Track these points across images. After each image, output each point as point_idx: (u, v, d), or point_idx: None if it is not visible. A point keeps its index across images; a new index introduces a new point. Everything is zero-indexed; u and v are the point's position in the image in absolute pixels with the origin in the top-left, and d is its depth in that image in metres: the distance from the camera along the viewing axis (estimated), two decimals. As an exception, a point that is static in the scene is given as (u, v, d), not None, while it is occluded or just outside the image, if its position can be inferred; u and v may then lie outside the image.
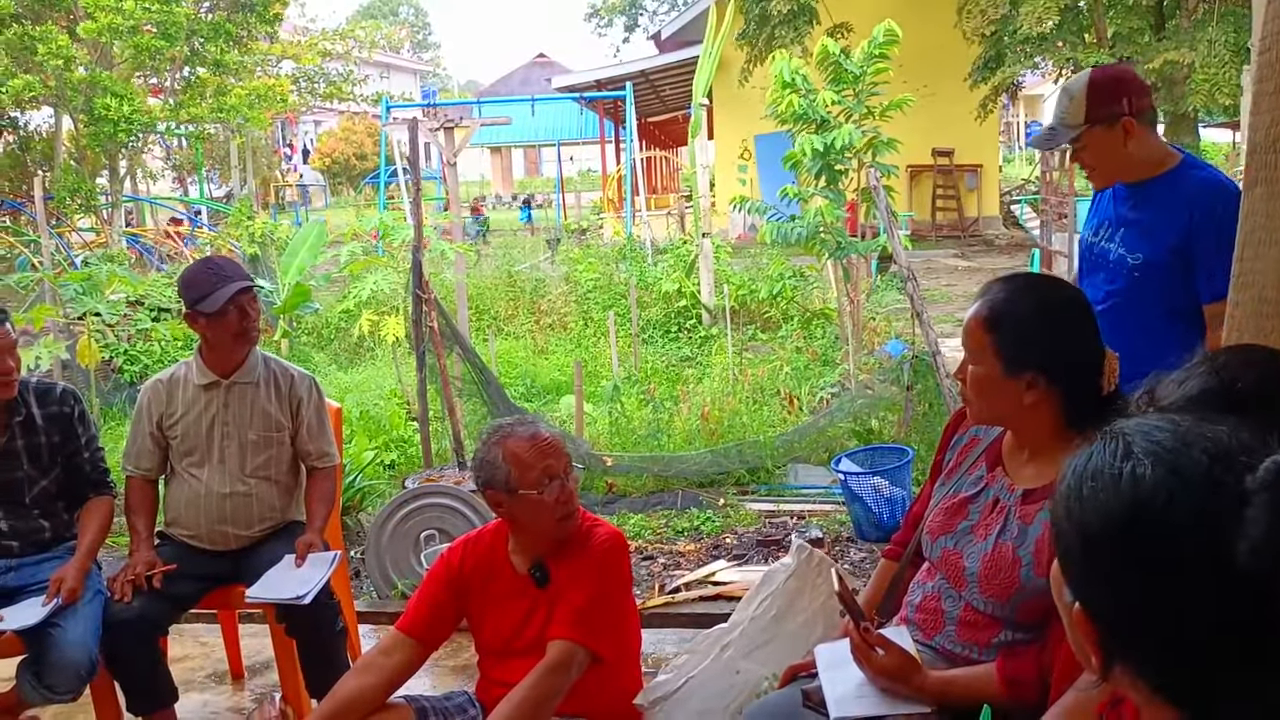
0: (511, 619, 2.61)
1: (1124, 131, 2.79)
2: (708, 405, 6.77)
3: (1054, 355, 1.99)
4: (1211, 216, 2.70)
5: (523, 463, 2.51)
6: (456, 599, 2.64)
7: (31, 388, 3.29)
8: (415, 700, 2.60)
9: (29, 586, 3.17)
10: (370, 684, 2.51)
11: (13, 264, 13.60)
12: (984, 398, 2.06)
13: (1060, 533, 1.03)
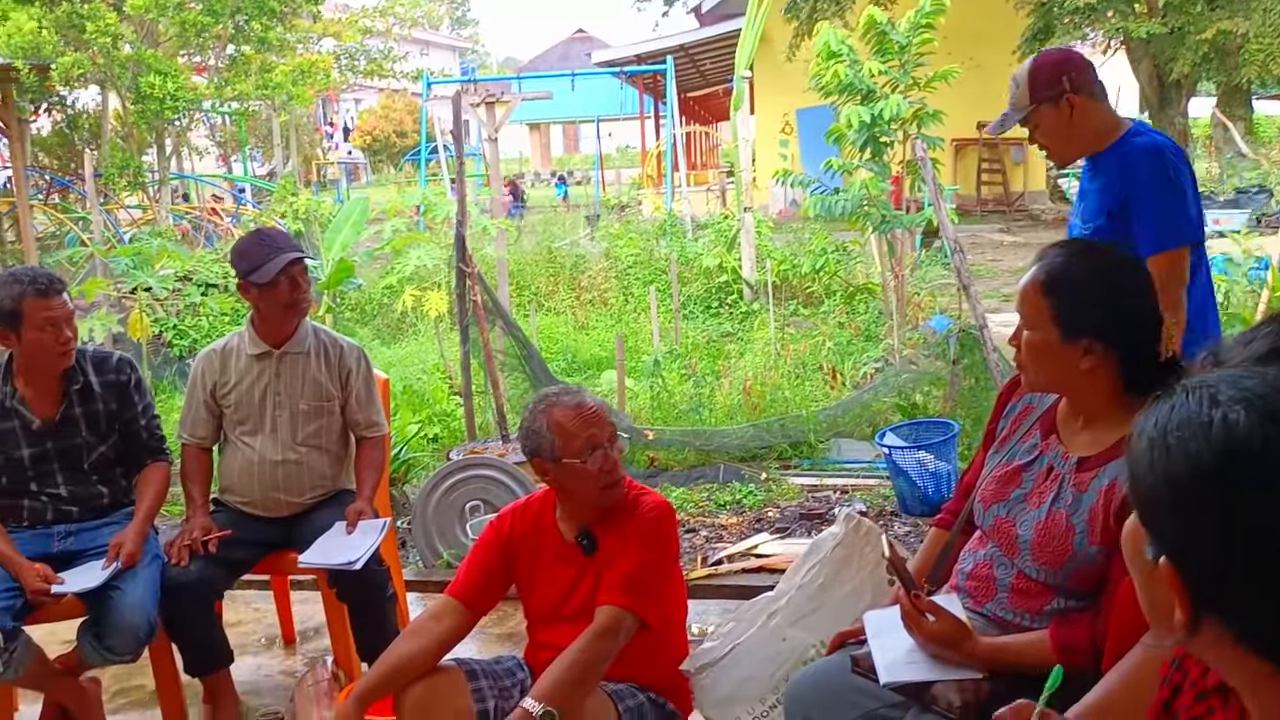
0: (559, 585, 2.64)
1: (1069, 107, 2.94)
2: (749, 380, 6.77)
3: (1112, 320, 1.97)
4: (1144, 176, 2.86)
5: (567, 432, 2.54)
6: (505, 565, 2.68)
7: (89, 356, 3.35)
8: (465, 663, 2.64)
9: (88, 550, 3.24)
10: (421, 647, 2.56)
11: (63, 240, 13.82)
12: (1040, 364, 2.04)
13: (1141, 489, 1.02)
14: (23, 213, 10.07)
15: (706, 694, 2.54)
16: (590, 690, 2.44)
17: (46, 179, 17.06)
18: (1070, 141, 3.02)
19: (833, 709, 2.17)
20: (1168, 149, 2.90)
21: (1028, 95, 2.99)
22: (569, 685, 2.39)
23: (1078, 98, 2.95)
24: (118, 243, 11.22)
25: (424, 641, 2.57)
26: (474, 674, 2.60)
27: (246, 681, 3.62)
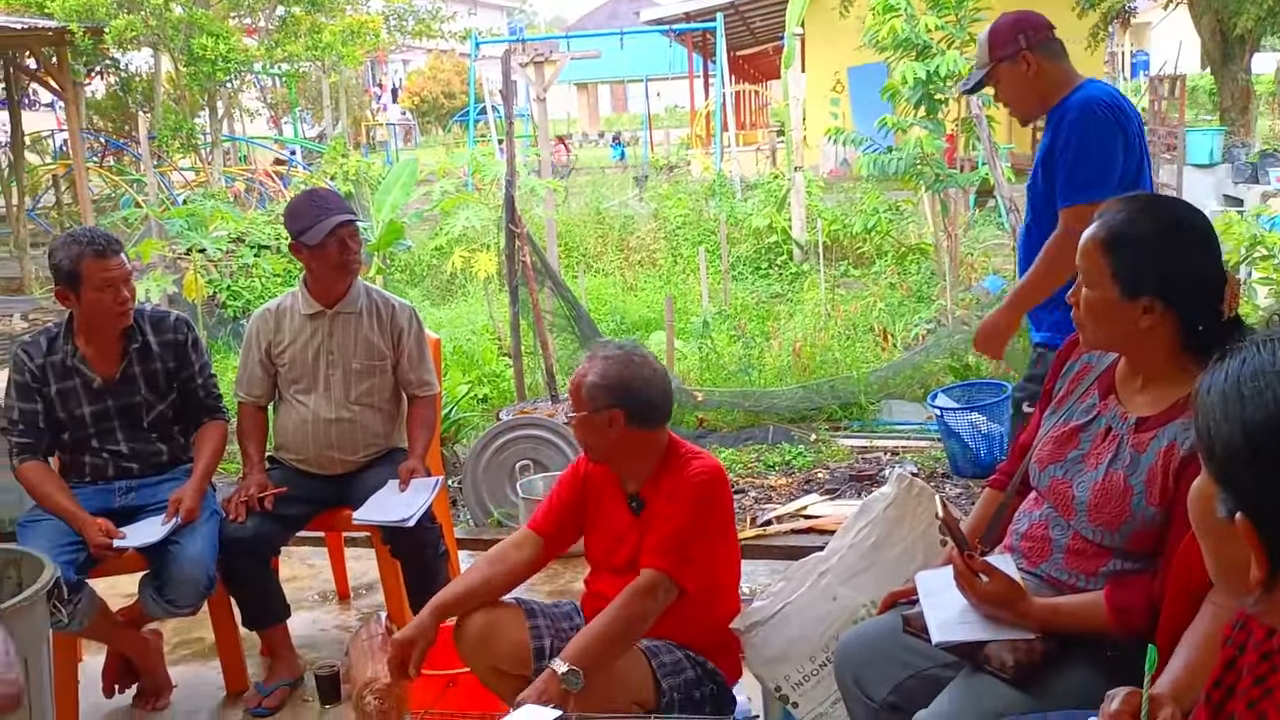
0: (611, 534, 2.68)
1: (1025, 64, 3.06)
2: (799, 341, 6.73)
3: (1172, 278, 1.92)
4: (1067, 130, 2.96)
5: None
6: (579, 502, 2.73)
7: (147, 316, 3.40)
8: (525, 602, 2.70)
9: (149, 506, 3.30)
10: (499, 573, 2.65)
11: (118, 202, 14.02)
12: (1099, 322, 2.00)
13: (1215, 443, 1.00)
14: (79, 175, 10.22)
15: (756, 652, 2.54)
16: (621, 652, 2.46)
17: (101, 142, 17.28)
18: (1029, 99, 3.13)
19: (883, 668, 2.17)
20: (1099, 105, 2.96)
21: (988, 54, 3.11)
22: (598, 646, 2.41)
23: (1034, 55, 3.05)
24: (171, 204, 11.36)
25: (502, 568, 2.66)
26: (532, 612, 2.66)
27: (302, 636, 3.69)
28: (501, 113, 14.32)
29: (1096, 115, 2.95)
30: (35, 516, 3.21)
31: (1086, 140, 2.93)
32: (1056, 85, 3.08)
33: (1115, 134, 2.94)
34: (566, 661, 2.36)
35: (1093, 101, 2.97)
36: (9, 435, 3.27)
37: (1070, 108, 3.00)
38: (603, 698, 2.36)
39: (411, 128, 33.14)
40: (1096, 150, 2.93)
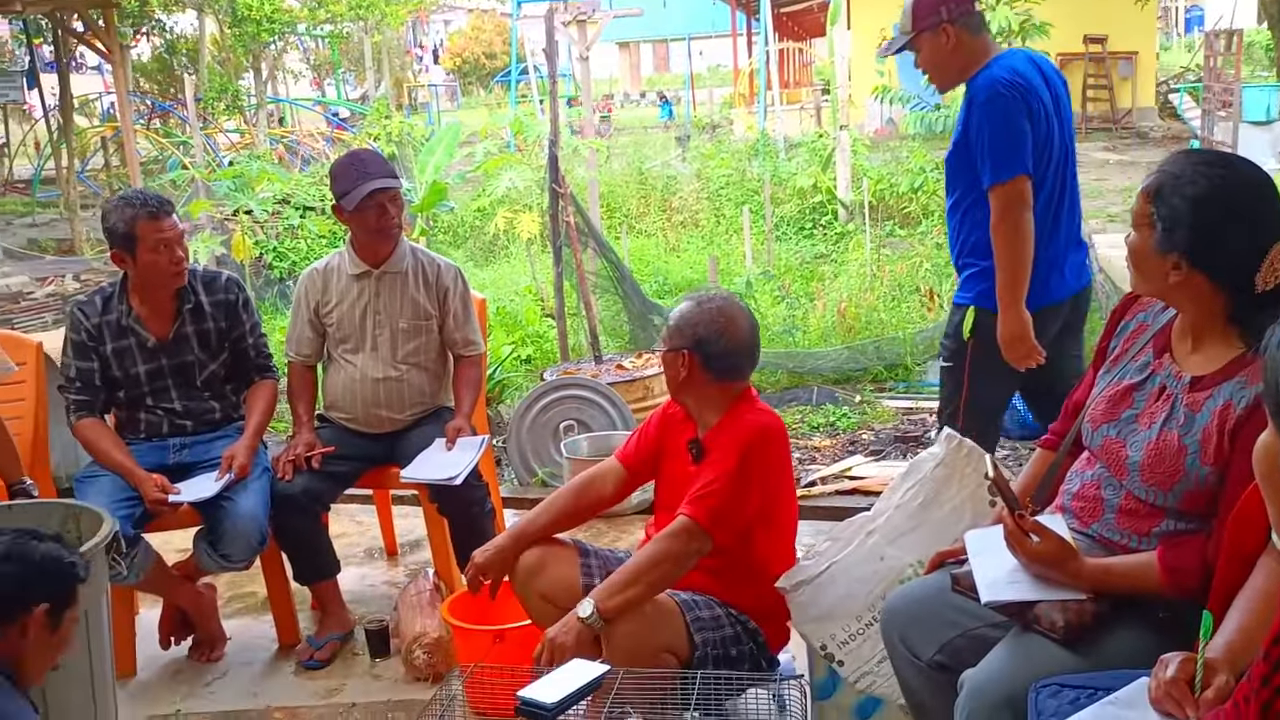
0: (674, 475, 2.73)
1: (945, 36, 3.14)
2: (844, 302, 6.69)
3: (1203, 242, 1.90)
4: (977, 114, 3.08)
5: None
6: (660, 438, 2.79)
7: (199, 276, 3.44)
8: (581, 543, 2.75)
9: (202, 463, 3.36)
10: (583, 503, 2.80)
11: (164, 164, 14.17)
12: (1136, 268, 2.01)
13: None
14: (127, 137, 10.31)
15: (802, 611, 2.55)
16: (647, 593, 2.47)
17: (148, 104, 17.44)
18: (947, 70, 3.21)
19: (931, 627, 2.16)
20: (1002, 84, 3.05)
21: (910, 22, 3.19)
22: (618, 585, 2.44)
23: (954, 28, 3.13)
24: (217, 166, 11.45)
25: (585, 499, 2.80)
26: (586, 552, 2.75)
27: (351, 591, 3.75)
28: (543, 73, 14.27)
29: (1000, 95, 3.04)
30: (92, 472, 3.28)
31: (994, 122, 3.04)
32: (974, 58, 3.16)
33: (1019, 110, 3.04)
34: (592, 599, 2.41)
35: (996, 83, 3.06)
36: (66, 393, 3.33)
37: (978, 89, 3.11)
38: (629, 642, 2.39)
39: (453, 88, 33.11)
40: (1004, 130, 3.03)
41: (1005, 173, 3.03)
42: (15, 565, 2.01)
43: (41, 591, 2.02)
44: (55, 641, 2.08)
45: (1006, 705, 1.89)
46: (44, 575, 2.04)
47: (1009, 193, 3.03)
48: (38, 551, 2.05)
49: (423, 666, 3.23)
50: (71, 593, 2.09)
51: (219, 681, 3.36)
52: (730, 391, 2.66)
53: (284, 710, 3.13)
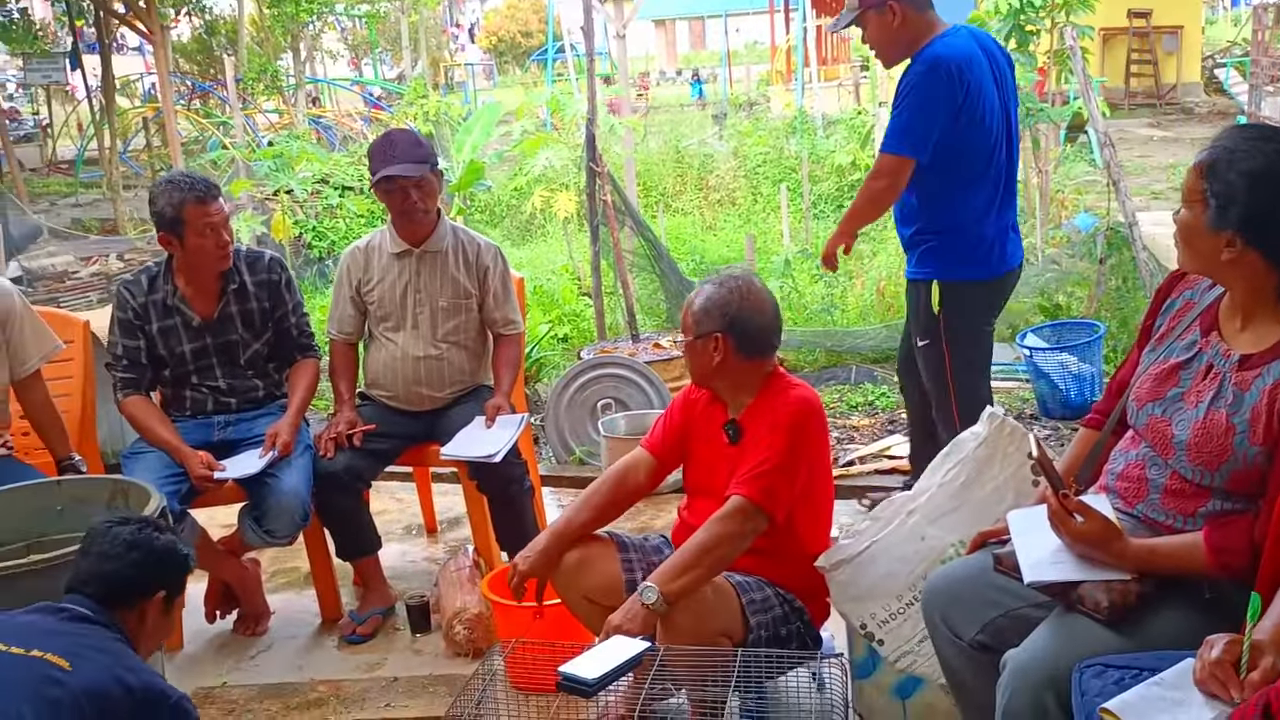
0: (706, 459, 2.73)
1: (891, 13, 3.27)
2: (883, 280, 6.64)
3: (1258, 220, 1.87)
4: (907, 82, 3.21)
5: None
6: (685, 423, 2.78)
7: (242, 256, 3.47)
8: (617, 536, 2.75)
9: (246, 440, 3.41)
10: (619, 497, 2.78)
11: (205, 145, 14.27)
12: (1186, 245, 1.98)
13: None
14: (168, 118, 10.39)
15: (842, 590, 2.55)
16: (707, 575, 2.47)
17: (188, 85, 17.57)
18: (894, 45, 3.34)
19: (972, 607, 2.16)
20: (944, 64, 3.16)
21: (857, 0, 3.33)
22: (679, 569, 2.44)
23: (899, 5, 3.26)
24: (256, 146, 11.53)
25: (621, 491, 2.78)
26: (624, 545, 2.73)
27: (392, 567, 3.79)
28: (580, 51, 14.22)
29: (938, 74, 3.15)
30: (139, 449, 3.33)
31: (917, 97, 3.18)
32: (919, 34, 3.27)
33: (948, 90, 3.16)
34: (654, 584, 2.40)
35: (940, 60, 3.17)
36: (113, 370, 3.38)
37: (919, 61, 3.22)
38: (691, 626, 2.39)
39: (490, 68, 33.12)
40: (921, 109, 3.17)
41: (903, 148, 3.20)
42: (139, 554, 2.15)
43: (160, 579, 2.18)
44: (166, 625, 2.23)
45: (1049, 685, 1.89)
46: (163, 564, 2.19)
47: (893, 165, 3.23)
48: (159, 542, 2.19)
49: (463, 642, 3.26)
50: (184, 581, 2.26)
51: (264, 654, 3.41)
52: (762, 370, 2.66)
53: (327, 683, 3.17)
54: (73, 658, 1.96)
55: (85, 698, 1.92)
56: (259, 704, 3.08)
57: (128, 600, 2.14)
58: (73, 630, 2.05)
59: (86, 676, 1.94)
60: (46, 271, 7.28)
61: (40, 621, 2.07)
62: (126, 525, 2.20)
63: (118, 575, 2.13)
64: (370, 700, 3.06)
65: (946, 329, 3.41)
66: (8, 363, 3.21)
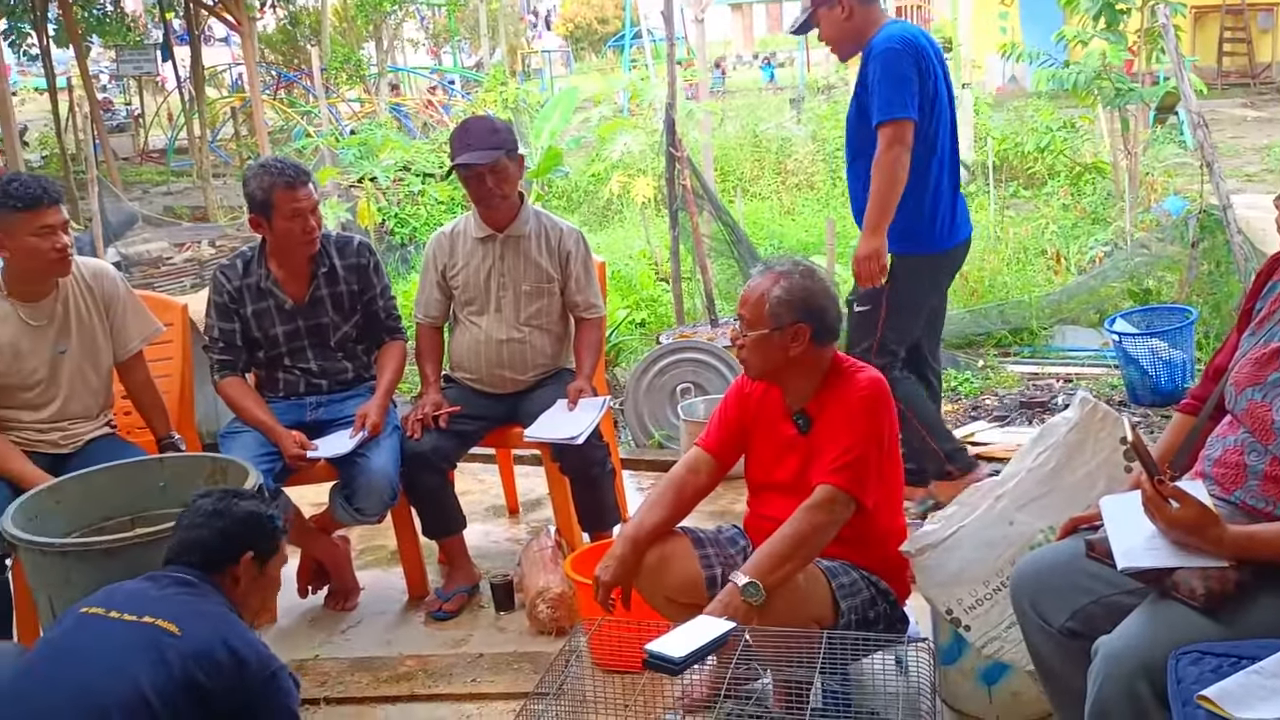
0: (771, 452, 2.71)
1: (841, 9, 3.49)
2: (967, 265, 6.53)
3: None
4: (873, 63, 3.42)
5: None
6: (742, 418, 2.76)
7: (332, 241, 3.55)
8: (691, 531, 2.74)
9: (336, 420, 3.49)
10: (683, 499, 2.73)
11: (290, 134, 14.56)
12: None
13: None
14: (256, 107, 10.64)
15: (928, 575, 2.53)
16: (801, 565, 2.48)
17: (273, 75, 17.94)
18: (847, 39, 3.56)
19: (1063, 594, 2.13)
20: (895, 40, 3.41)
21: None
22: (777, 559, 2.44)
23: (850, 1, 3.47)
24: (340, 135, 11.74)
25: (686, 493, 2.74)
26: (700, 541, 2.71)
27: (475, 546, 3.84)
28: (656, 36, 14.21)
29: (894, 48, 3.39)
30: (235, 429, 3.43)
31: (889, 68, 3.38)
32: (868, 27, 3.49)
33: (911, 63, 3.39)
34: (746, 575, 2.40)
35: (891, 39, 3.41)
36: (210, 352, 3.48)
37: (875, 45, 3.44)
38: (786, 614, 2.39)
39: (566, 54, 33.22)
40: (896, 76, 3.37)
41: (896, 112, 3.36)
42: (222, 521, 2.28)
43: (245, 542, 2.28)
44: (264, 583, 2.35)
45: (1143, 673, 1.86)
46: (247, 528, 2.30)
47: (895, 131, 3.37)
48: (239, 508, 2.31)
49: (546, 620, 3.31)
50: (273, 541, 2.35)
51: (353, 629, 3.50)
52: (828, 356, 2.64)
53: (415, 658, 3.24)
54: (181, 622, 2.06)
55: (193, 660, 2.01)
56: (350, 676, 3.16)
57: (220, 564, 2.25)
58: (179, 596, 2.16)
59: (194, 640, 2.04)
60: (142, 257, 7.50)
61: (148, 588, 2.18)
62: (209, 497, 2.33)
63: (205, 542, 2.25)
64: (457, 675, 3.12)
65: (890, 298, 3.56)
66: (111, 345, 3.33)
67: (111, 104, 21.43)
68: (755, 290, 2.59)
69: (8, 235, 3.05)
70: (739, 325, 2.64)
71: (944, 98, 3.52)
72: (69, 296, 3.24)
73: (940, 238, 3.60)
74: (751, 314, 2.59)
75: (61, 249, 3.08)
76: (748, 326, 2.60)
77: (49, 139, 15.74)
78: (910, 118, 3.38)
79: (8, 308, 3.16)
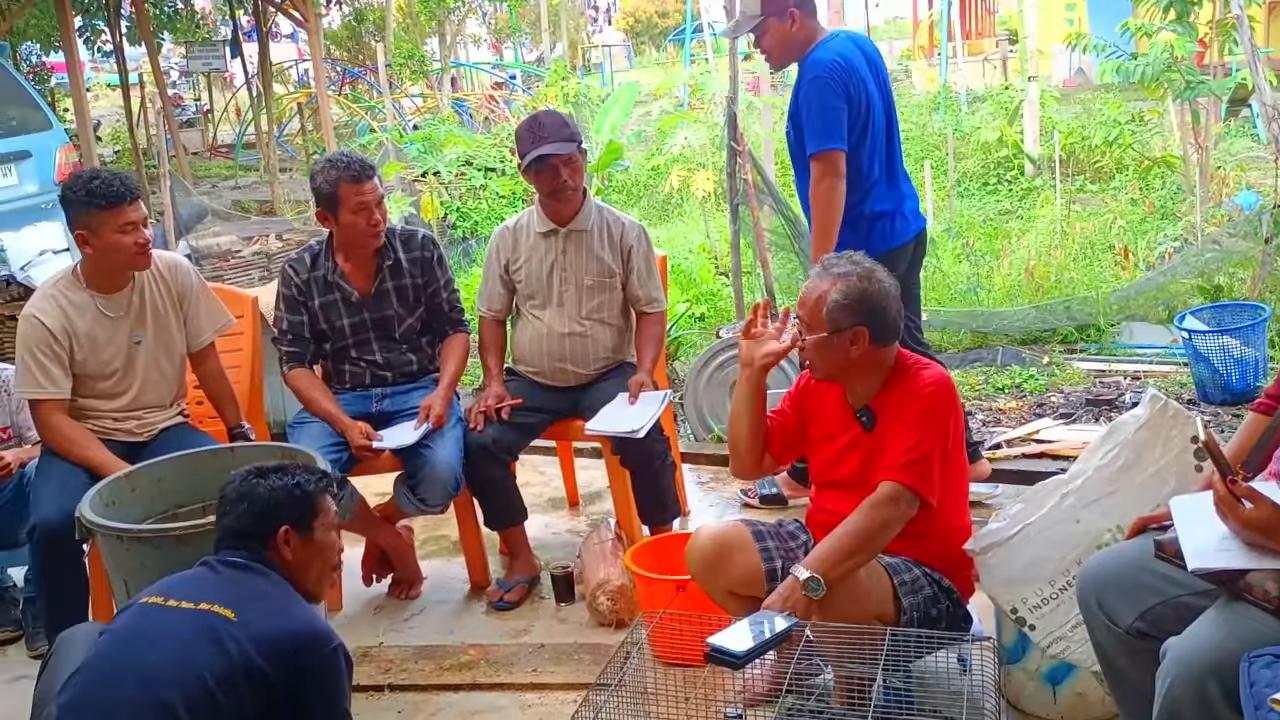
0: (833, 448, 2.70)
1: (791, 20, 3.50)
2: (1032, 260, 6.45)
3: None
4: (804, 92, 3.47)
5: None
6: (800, 415, 2.77)
7: (397, 234, 3.60)
8: (752, 524, 2.75)
9: (401, 411, 3.54)
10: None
11: (354, 129, 14.74)
12: None
13: None
14: (322, 103, 10.79)
15: (992, 574, 2.52)
16: (863, 562, 2.48)
17: (339, 70, 18.17)
18: (789, 50, 3.56)
19: (1131, 594, 2.10)
20: (825, 68, 3.44)
21: (759, 6, 3.51)
22: (841, 554, 2.44)
23: (799, 13, 3.50)
24: (403, 130, 11.86)
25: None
26: (760, 534, 2.71)
27: (536, 538, 3.88)
28: (717, 30, 14.15)
29: (822, 78, 3.43)
30: (302, 419, 3.50)
31: (815, 102, 3.43)
32: (809, 38, 3.52)
33: (840, 91, 3.43)
34: (808, 569, 2.40)
35: (820, 65, 3.45)
36: (279, 344, 3.55)
37: (805, 69, 3.49)
38: (847, 610, 2.39)
39: (627, 49, 33.24)
40: (821, 109, 3.42)
41: (824, 144, 3.43)
42: (247, 503, 2.29)
43: (278, 518, 2.28)
44: (315, 549, 2.32)
45: (1213, 675, 1.83)
46: (273, 505, 2.28)
47: (825, 162, 3.44)
48: (263, 486, 2.30)
49: (606, 612, 3.33)
50: (305, 508, 2.32)
51: (417, 617, 3.55)
52: (891, 354, 2.63)
53: (477, 647, 3.28)
54: (238, 607, 2.10)
55: (251, 644, 2.05)
56: (414, 664, 3.21)
57: (261, 544, 2.26)
58: (234, 580, 2.20)
59: (251, 624, 2.08)
60: (212, 250, 7.64)
61: (204, 575, 2.23)
62: (233, 482, 2.34)
63: (240, 527, 2.27)
64: (518, 665, 3.16)
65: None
66: (185, 335, 3.41)
67: (181, 99, 21.86)
68: (812, 293, 2.57)
69: (92, 232, 3.14)
70: (798, 329, 2.63)
71: (878, 107, 3.56)
72: (145, 288, 3.32)
73: (884, 237, 3.61)
74: (810, 317, 2.57)
75: (143, 244, 3.17)
76: (807, 330, 2.59)
77: (121, 134, 16.12)
78: (839, 149, 3.45)
79: (86, 299, 3.25)
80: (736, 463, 2.85)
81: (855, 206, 3.55)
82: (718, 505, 4.23)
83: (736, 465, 2.86)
